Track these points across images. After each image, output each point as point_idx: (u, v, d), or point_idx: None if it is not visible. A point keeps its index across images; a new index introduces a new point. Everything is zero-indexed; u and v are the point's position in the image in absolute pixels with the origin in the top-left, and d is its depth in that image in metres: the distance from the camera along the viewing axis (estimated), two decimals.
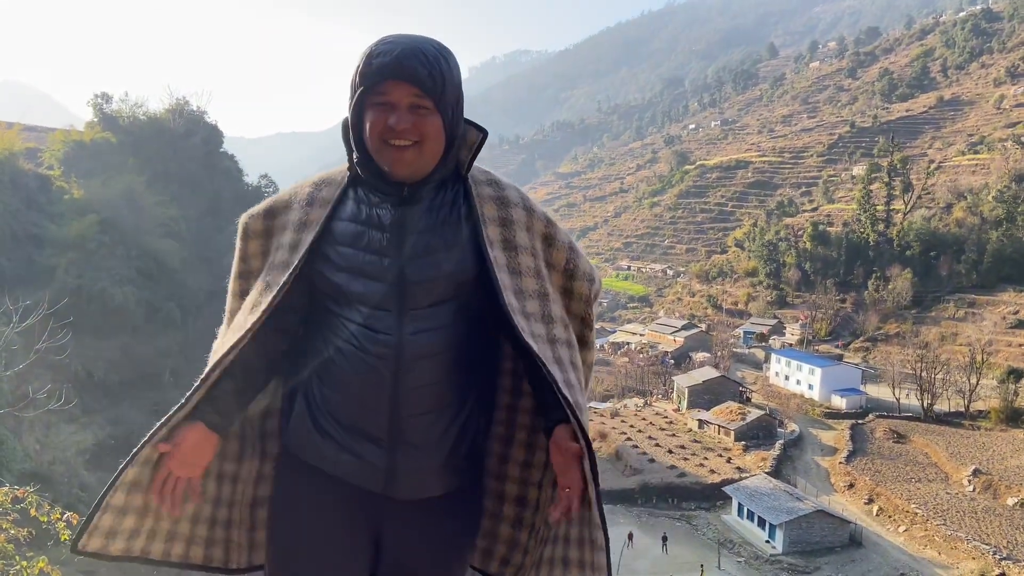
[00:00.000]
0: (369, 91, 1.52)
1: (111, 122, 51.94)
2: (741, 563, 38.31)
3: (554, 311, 1.65)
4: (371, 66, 1.50)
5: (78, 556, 1.66)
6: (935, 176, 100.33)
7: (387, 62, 1.49)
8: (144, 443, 1.65)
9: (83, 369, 34.23)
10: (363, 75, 1.51)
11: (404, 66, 1.49)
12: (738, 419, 54.98)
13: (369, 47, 1.52)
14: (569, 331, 1.68)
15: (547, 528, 1.71)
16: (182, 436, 1.64)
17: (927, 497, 41.45)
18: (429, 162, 1.57)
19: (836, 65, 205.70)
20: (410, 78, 1.49)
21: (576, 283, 1.73)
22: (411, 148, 1.53)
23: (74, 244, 40.76)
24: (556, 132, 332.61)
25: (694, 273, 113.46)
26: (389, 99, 1.51)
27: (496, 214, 1.64)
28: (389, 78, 1.50)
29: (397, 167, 1.55)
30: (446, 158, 1.60)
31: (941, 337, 71.23)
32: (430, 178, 1.60)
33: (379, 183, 1.60)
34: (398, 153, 1.53)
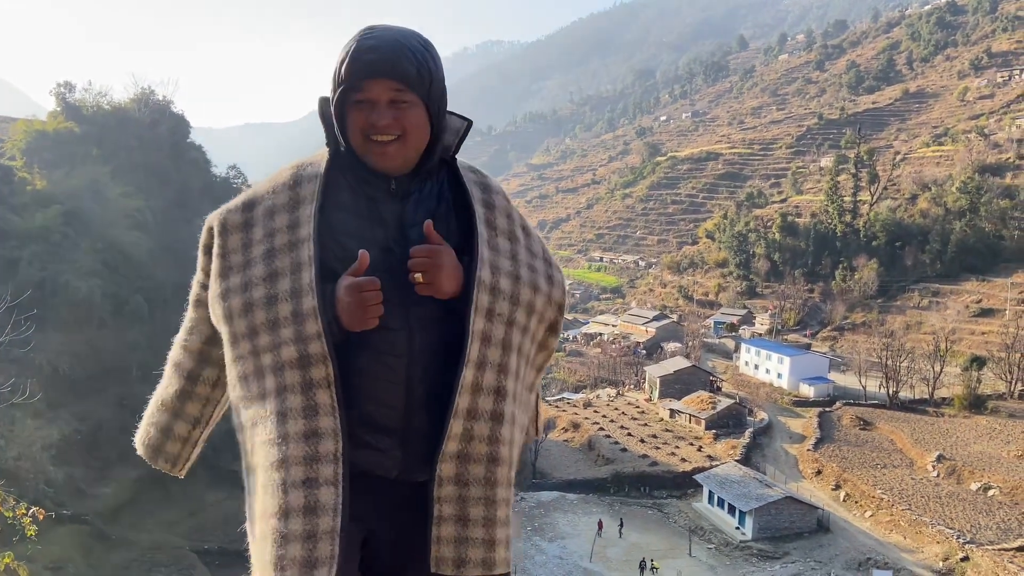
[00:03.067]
0: (351, 89, 1.51)
1: (75, 112, 50.89)
2: (712, 550, 38.79)
3: (525, 295, 1.63)
4: (357, 63, 1.48)
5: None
6: (900, 167, 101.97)
7: (374, 59, 1.47)
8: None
9: (48, 363, 33.65)
10: (348, 72, 1.49)
11: (393, 64, 1.48)
12: (709, 408, 55.56)
13: (353, 41, 1.50)
14: (531, 320, 1.66)
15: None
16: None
17: (893, 483, 42.19)
18: (413, 154, 1.57)
19: (804, 58, 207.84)
20: (399, 76, 1.49)
21: (554, 271, 1.75)
22: (394, 142, 1.52)
23: (37, 236, 39.94)
24: (528, 123, 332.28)
25: (665, 264, 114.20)
26: (369, 96, 1.50)
27: (481, 196, 1.66)
28: (376, 76, 1.49)
29: (381, 161, 1.54)
30: (432, 150, 1.60)
31: (906, 326, 72.50)
32: (417, 170, 1.60)
33: (365, 174, 1.59)
34: (381, 148, 1.53)
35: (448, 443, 1.52)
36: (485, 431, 1.56)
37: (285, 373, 1.50)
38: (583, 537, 39.97)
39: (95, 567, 27.24)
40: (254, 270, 1.55)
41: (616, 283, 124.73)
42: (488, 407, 1.56)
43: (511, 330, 1.60)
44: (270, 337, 1.51)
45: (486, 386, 1.55)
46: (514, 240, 1.67)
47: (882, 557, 35.32)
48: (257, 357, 1.54)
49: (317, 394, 1.49)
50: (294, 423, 1.49)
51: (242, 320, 1.55)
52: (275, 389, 1.51)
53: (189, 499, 33.25)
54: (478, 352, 1.54)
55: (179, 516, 33.41)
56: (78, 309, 38.00)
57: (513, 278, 1.61)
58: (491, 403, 1.56)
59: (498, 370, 1.57)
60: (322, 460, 1.48)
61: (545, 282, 1.69)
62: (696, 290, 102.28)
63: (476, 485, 1.56)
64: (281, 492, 1.49)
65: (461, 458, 1.54)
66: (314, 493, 1.48)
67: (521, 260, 1.66)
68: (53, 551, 23.41)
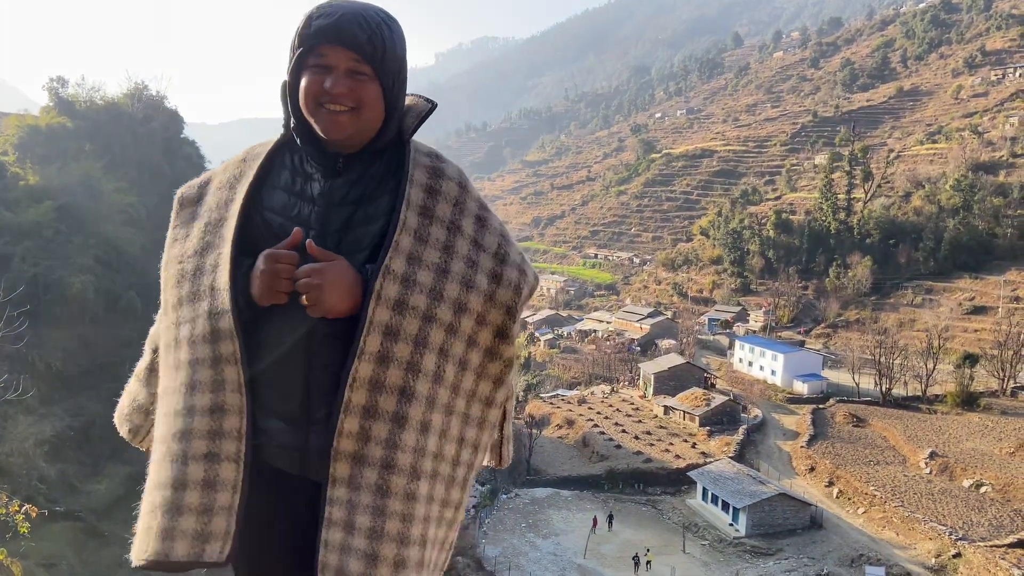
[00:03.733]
0: (307, 53, 1.49)
1: (67, 107, 50.67)
2: (705, 546, 38.88)
3: (451, 292, 1.50)
4: (310, 28, 1.47)
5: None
6: (894, 165, 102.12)
7: (326, 24, 1.46)
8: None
9: (41, 360, 33.52)
10: (301, 37, 1.48)
11: (344, 30, 1.45)
12: (703, 405, 55.66)
13: (310, 9, 1.49)
14: (462, 319, 1.51)
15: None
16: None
17: (885, 479, 42.30)
18: (365, 130, 1.53)
19: (799, 55, 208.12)
20: (349, 43, 1.46)
21: (506, 268, 1.58)
22: (347, 113, 1.49)
23: (30, 232, 39.76)
24: (523, 120, 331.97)
25: (660, 261, 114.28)
26: (327, 62, 1.48)
27: (426, 181, 1.55)
28: (327, 41, 1.46)
29: (332, 131, 1.50)
30: (385, 129, 1.56)
31: (899, 323, 72.72)
32: (367, 149, 1.56)
33: (314, 151, 1.56)
34: (332, 117, 1.49)
35: (341, 440, 1.43)
36: (383, 433, 1.44)
37: (197, 346, 1.52)
38: (577, 533, 40.01)
39: (88, 563, 27.16)
40: (189, 243, 1.60)
41: (611, 280, 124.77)
42: (390, 408, 1.44)
43: (429, 327, 1.47)
44: (191, 309, 1.55)
45: (389, 384, 1.44)
46: (454, 231, 1.54)
47: (875, 554, 35.41)
48: (178, 328, 1.57)
49: (225, 369, 1.49)
50: (201, 396, 1.50)
51: (174, 291, 1.60)
52: (187, 361, 1.53)
53: None
54: (379, 345, 1.44)
55: None
56: (71, 305, 37.85)
57: (438, 271, 1.49)
58: (393, 404, 1.45)
59: (406, 368, 1.45)
60: (226, 436, 1.49)
61: (487, 279, 1.55)
62: (691, 287, 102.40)
63: (366, 491, 1.44)
64: (180, 464, 1.49)
65: (356, 460, 1.44)
66: (215, 468, 1.48)
67: (457, 252, 1.53)
68: (46, 547, 23.35)
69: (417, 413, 1.47)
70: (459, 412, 1.57)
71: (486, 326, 1.56)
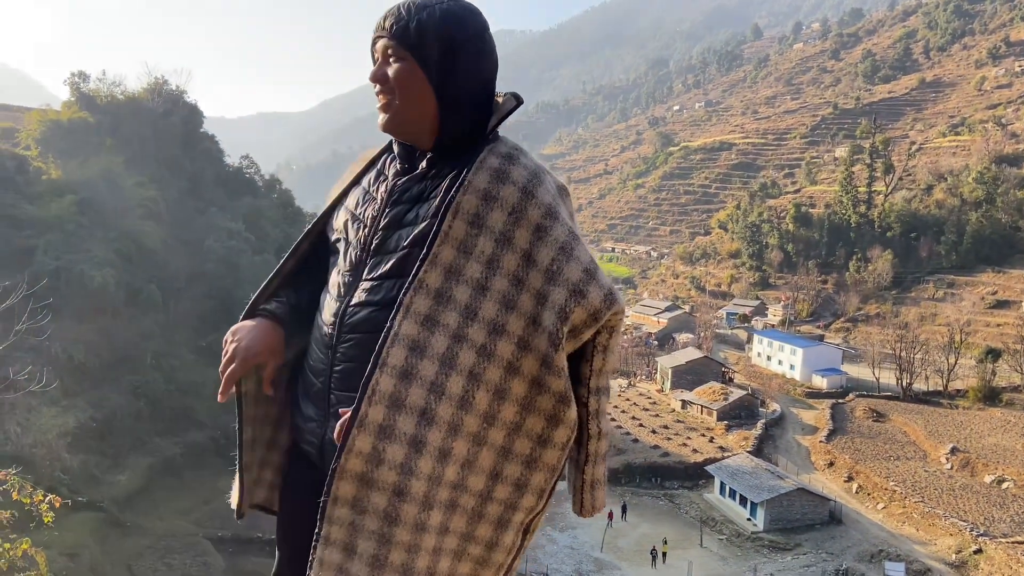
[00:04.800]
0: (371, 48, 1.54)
1: (89, 101, 51.12)
2: (723, 541, 38.76)
3: (488, 311, 1.38)
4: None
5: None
6: (916, 158, 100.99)
7: (382, 18, 1.50)
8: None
9: (63, 352, 33.93)
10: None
11: (384, 17, 1.49)
12: (720, 399, 55.42)
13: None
14: (498, 342, 1.38)
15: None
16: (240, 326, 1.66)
17: (906, 475, 41.96)
18: (408, 118, 1.49)
19: (820, 47, 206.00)
20: (386, 28, 1.47)
21: (553, 288, 1.39)
22: (388, 102, 1.50)
23: (53, 225, 40.22)
24: (540, 113, 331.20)
25: (678, 255, 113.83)
26: (374, 51, 1.52)
27: (484, 187, 1.43)
28: (378, 33, 1.50)
29: (381, 122, 1.52)
30: (446, 123, 1.50)
31: (920, 317, 71.98)
32: (441, 144, 1.52)
33: (401, 148, 1.59)
34: (380, 107, 1.51)
35: (349, 459, 1.33)
36: (398, 458, 1.32)
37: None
38: (594, 527, 39.99)
39: (109, 553, 27.52)
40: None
41: (628, 274, 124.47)
42: (408, 430, 1.33)
43: (459, 347, 1.36)
44: None
45: (409, 404, 1.33)
46: (503, 243, 1.40)
47: (895, 549, 35.17)
48: None
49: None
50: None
51: None
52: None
53: (202, 487, 33.52)
54: (403, 360, 1.34)
55: (192, 504, 33.69)
56: (93, 298, 38.26)
57: (477, 287, 1.38)
58: (412, 426, 1.33)
59: (429, 388, 1.34)
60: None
61: (532, 301, 1.39)
62: (708, 281, 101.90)
63: (373, 517, 1.35)
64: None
65: (363, 481, 1.33)
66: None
67: (501, 267, 1.39)
68: (68, 537, 23.67)
69: (437, 438, 1.35)
70: (494, 444, 1.44)
71: (530, 353, 1.39)
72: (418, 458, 1.34)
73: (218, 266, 44.23)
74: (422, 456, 1.34)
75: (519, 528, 1.56)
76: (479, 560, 1.53)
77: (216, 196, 51.78)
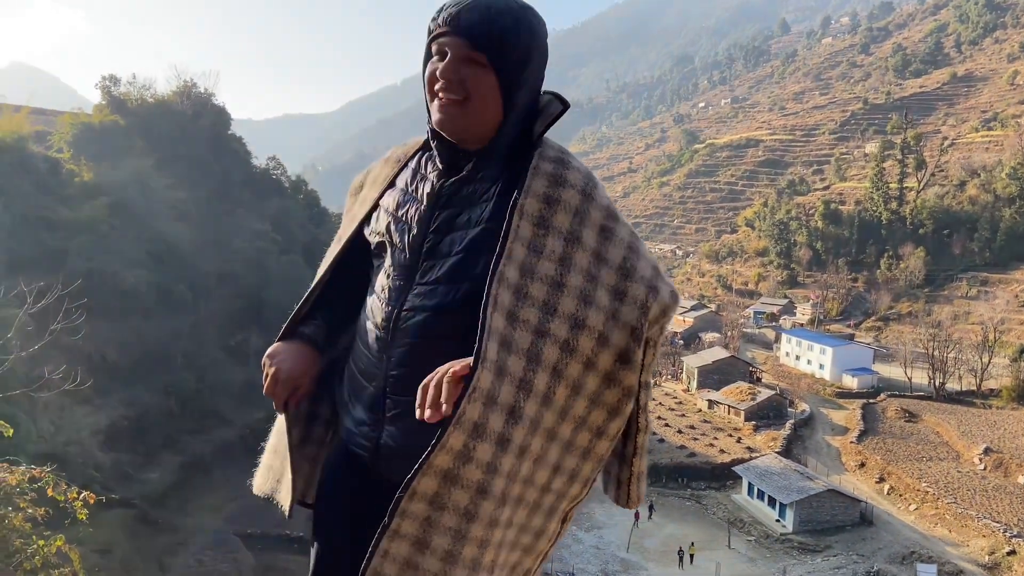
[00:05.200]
0: (432, 42, 1.47)
1: (119, 105, 51.90)
2: (751, 542, 38.44)
3: (567, 306, 1.39)
4: (437, 17, 1.46)
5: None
6: (948, 153, 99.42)
7: (450, 12, 1.43)
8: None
9: (96, 351, 34.45)
10: (430, 26, 1.48)
11: (461, 16, 1.42)
12: (748, 399, 54.96)
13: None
14: (580, 337, 1.39)
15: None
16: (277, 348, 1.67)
17: (938, 476, 41.39)
18: (478, 124, 1.47)
19: (849, 41, 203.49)
20: (464, 29, 1.42)
21: (632, 284, 1.44)
22: (455, 104, 1.44)
23: (85, 227, 40.85)
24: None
25: (704, 253, 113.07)
26: (443, 49, 1.45)
27: (543, 191, 1.44)
28: (446, 28, 1.44)
29: (441, 121, 1.46)
30: (505, 127, 1.49)
31: (953, 316, 70.87)
32: (492, 148, 1.50)
33: (443, 148, 1.53)
34: (442, 105, 1.45)
35: (439, 455, 1.30)
36: (486, 456, 1.31)
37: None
38: (620, 527, 39.86)
39: (141, 550, 27.91)
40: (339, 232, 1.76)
41: None
42: (497, 428, 1.32)
43: (542, 342, 1.36)
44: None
45: (501, 401, 1.32)
46: (573, 242, 1.42)
47: (927, 551, 34.69)
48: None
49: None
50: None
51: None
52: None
53: (232, 485, 33.87)
54: (496, 355, 1.32)
55: (222, 501, 34.05)
56: (125, 298, 38.82)
57: (553, 284, 1.39)
58: (501, 424, 1.32)
59: (518, 386, 1.34)
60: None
61: (608, 296, 1.42)
62: (735, 279, 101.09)
63: (452, 514, 1.33)
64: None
65: (447, 478, 1.31)
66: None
67: (575, 265, 1.41)
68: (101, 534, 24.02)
69: (519, 436, 1.36)
70: (562, 439, 1.45)
71: (607, 348, 1.42)
72: (502, 456, 1.34)
73: (246, 266, 44.73)
74: (506, 454, 1.34)
75: (561, 516, 1.59)
76: (526, 548, 1.55)
77: (244, 197, 52.37)
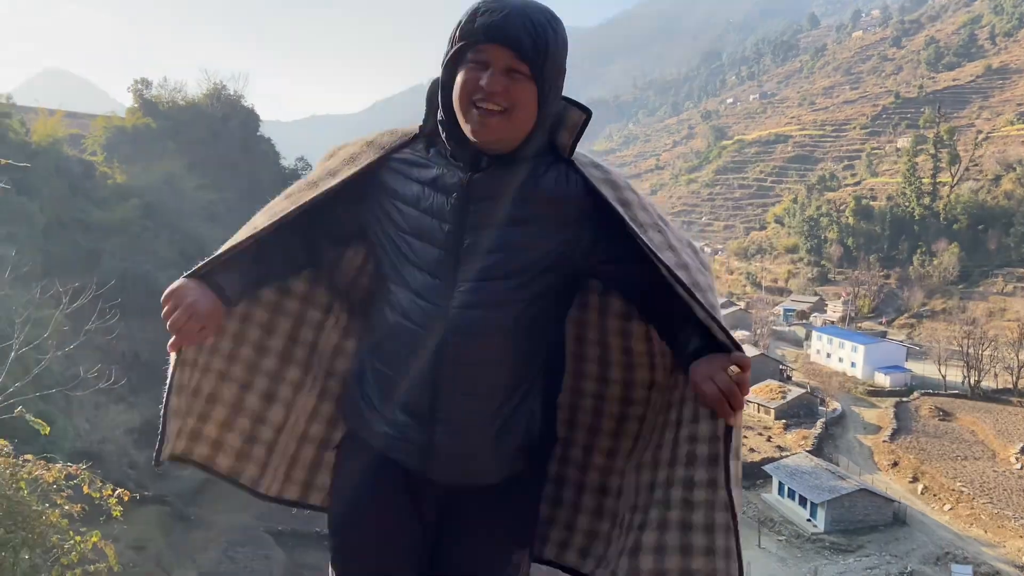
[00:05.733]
0: (467, 49, 1.43)
1: (151, 107, 52.78)
2: (782, 542, 38.07)
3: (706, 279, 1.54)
4: (474, 23, 1.41)
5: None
6: (983, 147, 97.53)
7: (492, 21, 1.40)
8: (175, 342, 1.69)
9: (130, 351, 35.02)
10: (463, 31, 1.42)
11: (508, 28, 1.39)
12: (778, 397, 54.41)
13: (476, 4, 1.44)
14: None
15: (634, 514, 1.61)
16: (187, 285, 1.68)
17: (973, 475, 40.74)
18: (516, 132, 1.47)
19: (880, 34, 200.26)
20: (512, 41, 1.40)
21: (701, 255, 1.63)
22: (498, 115, 1.43)
23: (119, 228, 41.55)
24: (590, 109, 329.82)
25: (732, 250, 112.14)
26: (486, 59, 1.42)
27: (613, 195, 1.53)
28: (490, 39, 1.40)
29: (481, 132, 1.44)
30: (535, 134, 1.50)
31: (989, 312, 69.58)
32: (517, 153, 1.50)
33: (459, 149, 1.51)
34: (484, 117, 1.43)
35: (733, 462, 1.45)
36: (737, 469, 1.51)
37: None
38: None
39: (175, 546, 28.31)
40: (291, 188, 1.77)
41: None
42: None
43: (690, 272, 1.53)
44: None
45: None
46: (663, 232, 1.54)
47: (961, 551, 34.15)
48: None
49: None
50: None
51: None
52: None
53: None
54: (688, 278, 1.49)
55: (254, 499, 34.45)
56: (157, 298, 38.61)
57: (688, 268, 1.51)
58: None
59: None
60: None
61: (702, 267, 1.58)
62: (764, 277, 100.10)
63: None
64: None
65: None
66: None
67: (678, 247, 1.54)
68: (136, 531, 24.40)
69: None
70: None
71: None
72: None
73: None
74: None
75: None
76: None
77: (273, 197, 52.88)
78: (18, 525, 4.53)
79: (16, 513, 4.53)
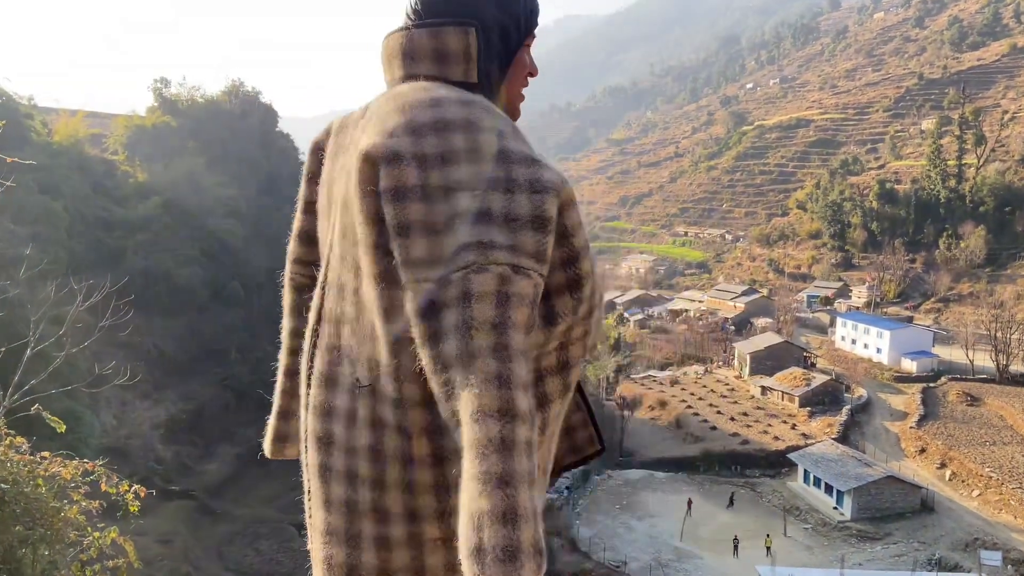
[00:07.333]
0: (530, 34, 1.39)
1: (171, 106, 53.15)
2: (808, 530, 37.80)
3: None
4: (538, 10, 1.39)
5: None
6: (1010, 128, 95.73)
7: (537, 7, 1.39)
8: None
9: (154, 347, 35.46)
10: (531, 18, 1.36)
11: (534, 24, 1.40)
12: (802, 385, 53.93)
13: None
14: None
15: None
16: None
17: (1002, 460, 40.14)
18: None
19: (902, 15, 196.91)
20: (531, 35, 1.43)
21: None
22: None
23: (140, 226, 42.01)
24: (608, 98, 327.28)
25: (754, 237, 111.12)
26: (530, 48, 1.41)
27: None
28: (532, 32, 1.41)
29: (518, 112, 1.40)
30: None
31: (1017, 295, 68.47)
32: None
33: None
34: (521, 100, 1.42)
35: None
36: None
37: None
38: (673, 516, 39.54)
39: (201, 539, 28.66)
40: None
41: (702, 258, 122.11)
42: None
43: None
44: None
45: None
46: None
47: (991, 538, 33.70)
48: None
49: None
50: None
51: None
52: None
53: (287, 475, 34.28)
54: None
55: (278, 491, 34.75)
56: (180, 295, 39.86)
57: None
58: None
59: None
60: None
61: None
62: (787, 263, 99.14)
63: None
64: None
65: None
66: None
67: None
68: (162, 524, 24.75)
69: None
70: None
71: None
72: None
73: None
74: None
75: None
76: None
77: (292, 193, 51.48)
78: (36, 522, 4.54)
79: (34, 510, 4.54)
